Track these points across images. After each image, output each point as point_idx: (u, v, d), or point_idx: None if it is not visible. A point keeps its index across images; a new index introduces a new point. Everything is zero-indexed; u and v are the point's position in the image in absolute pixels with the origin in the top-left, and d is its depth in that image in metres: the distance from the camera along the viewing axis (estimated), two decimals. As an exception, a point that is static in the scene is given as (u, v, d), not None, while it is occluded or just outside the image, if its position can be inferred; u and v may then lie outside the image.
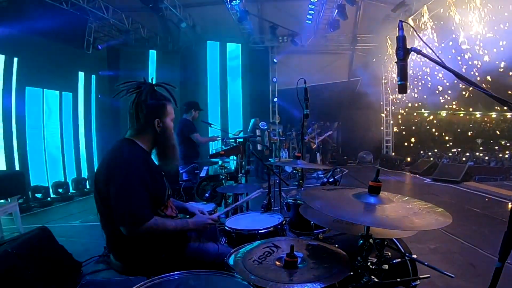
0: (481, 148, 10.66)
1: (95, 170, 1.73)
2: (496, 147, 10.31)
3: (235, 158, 4.57)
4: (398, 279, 1.47)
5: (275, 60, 11.48)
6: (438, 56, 1.33)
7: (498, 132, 11.87)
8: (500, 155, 9.23)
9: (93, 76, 8.77)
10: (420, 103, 10.44)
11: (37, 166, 6.95)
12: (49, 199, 6.76)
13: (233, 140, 5.31)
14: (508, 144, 10.21)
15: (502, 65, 7.58)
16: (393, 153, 11.73)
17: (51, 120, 7.42)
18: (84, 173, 8.28)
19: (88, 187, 7.92)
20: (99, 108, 8.85)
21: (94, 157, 8.78)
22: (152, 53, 9.94)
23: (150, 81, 1.78)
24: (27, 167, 6.60)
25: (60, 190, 7.15)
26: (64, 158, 7.74)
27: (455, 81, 7.29)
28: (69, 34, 7.61)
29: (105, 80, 9.03)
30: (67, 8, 7.14)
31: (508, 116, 11.95)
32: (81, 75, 8.36)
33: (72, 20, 7.48)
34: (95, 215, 1.76)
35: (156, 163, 1.81)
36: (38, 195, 6.57)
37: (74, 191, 7.52)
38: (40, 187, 6.68)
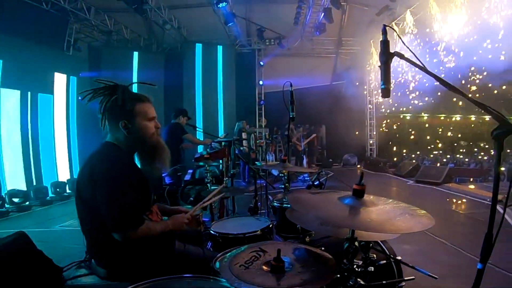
0: (461, 150, 10.96)
1: (77, 174, 1.68)
2: (476, 149, 10.61)
3: (220, 161, 4.55)
4: (384, 281, 1.48)
5: (261, 63, 11.51)
6: (420, 61, 1.35)
7: (477, 135, 12.24)
8: (480, 157, 9.52)
9: (74, 78, 8.57)
10: (403, 107, 10.66)
11: (14, 169, 6.73)
12: (27, 203, 6.53)
13: (218, 143, 5.30)
14: (487, 147, 10.52)
15: (483, 68, 7.81)
16: (377, 156, 11.93)
17: (29, 122, 7.20)
18: (64, 177, 8.05)
19: (68, 191, 7.70)
20: (80, 110, 8.65)
21: (74, 160, 8.58)
22: (135, 55, 9.80)
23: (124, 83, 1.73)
24: (2, 170, 6.38)
25: (39, 195, 6.93)
26: (41, 162, 7.52)
27: (436, 83, 7.45)
28: (49, 35, 7.45)
29: (86, 81, 8.83)
30: (47, 9, 6.98)
31: (487, 119, 12.33)
32: (60, 76, 8.17)
33: (52, 21, 7.33)
34: (75, 220, 1.72)
35: (139, 166, 1.77)
36: (15, 200, 6.34)
37: (53, 195, 7.30)
38: (17, 191, 6.45)
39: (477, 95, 8.21)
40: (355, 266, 1.31)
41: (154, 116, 1.77)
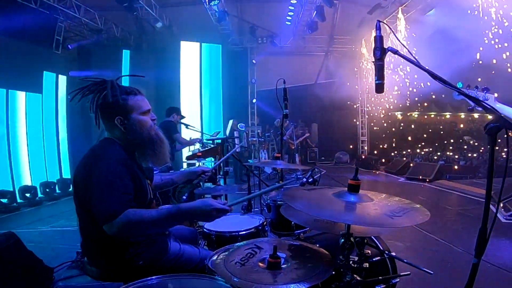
0: (451, 147, 11.11)
1: (74, 171, 1.62)
2: (465, 147, 10.78)
3: (212, 159, 4.53)
4: (380, 277, 1.49)
5: (254, 61, 11.49)
6: (413, 56, 1.35)
7: (466, 132, 12.44)
8: (469, 154, 9.67)
9: (63, 77, 8.44)
10: (393, 105, 10.75)
11: (1, 170, 6.60)
12: (15, 204, 6.39)
13: (211, 142, 5.27)
14: (476, 144, 10.69)
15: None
16: (368, 153, 12.03)
17: (16, 122, 7.08)
18: (53, 177, 7.92)
19: (58, 191, 7.57)
20: (70, 109, 8.52)
21: (64, 159, 8.45)
22: (126, 53, 9.68)
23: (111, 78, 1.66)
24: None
25: (28, 195, 6.78)
26: (30, 162, 7.38)
27: (429, 83, 7.50)
28: (37, 34, 7.25)
29: (75, 80, 8.70)
30: (35, 7, 6.83)
31: (476, 117, 12.54)
32: (49, 75, 8.03)
33: (41, 19, 7.15)
34: (65, 220, 1.67)
35: (140, 163, 1.72)
36: (4, 200, 6.20)
37: (42, 195, 7.15)
38: (5, 191, 6.31)
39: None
40: (351, 262, 1.31)
41: (149, 109, 1.72)
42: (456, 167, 8.51)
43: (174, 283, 1.28)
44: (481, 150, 9.85)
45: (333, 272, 1.30)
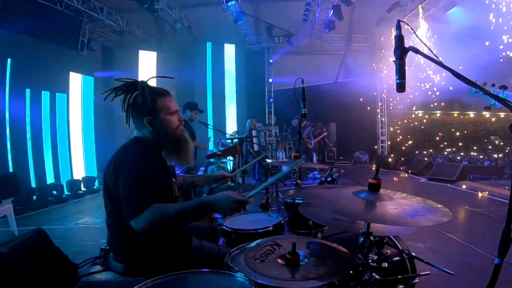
0: (475, 147, 10.76)
1: (105, 168, 1.68)
2: (490, 147, 10.42)
3: (232, 158, 4.57)
4: (399, 276, 1.48)
5: (271, 60, 11.49)
6: (435, 55, 1.34)
7: (491, 132, 12.02)
8: (494, 155, 9.35)
9: (88, 77, 8.71)
10: (415, 103, 10.51)
11: (31, 168, 6.88)
12: (43, 201, 6.67)
13: (230, 141, 5.31)
14: (502, 144, 10.32)
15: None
16: (388, 153, 11.80)
17: (45, 122, 7.36)
18: (79, 175, 8.20)
19: (83, 189, 7.85)
20: (95, 109, 8.80)
21: (90, 158, 8.73)
22: (147, 54, 9.90)
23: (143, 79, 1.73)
24: (20, 169, 6.53)
25: (55, 192, 7.08)
26: (58, 160, 7.67)
27: (451, 87, 7.30)
28: (63, 35, 7.55)
29: (100, 81, 8.98)
30: (61, 9, 7.10)
31: (502, 116, 12.09)
32: (75, 76, 8.30)
33: (66, 21, 7.44)
34: (89, 217, 1.74)
35: (168, 163, 1.79)
36: (33, 197, 6.50)
37: (68, 193, 7.44)
38: (34, 189, 6.61)
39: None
40: (370, 261, 1.31)
41: (177, 110, 1.77)
42: (480, 167, 8.24)
43: (195, 279, 1.32)
44: (507, 150, 9.50)
45: (351, 272, 1.30)
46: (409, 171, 9.25)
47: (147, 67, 9.72)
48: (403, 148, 11.91)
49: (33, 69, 6.90)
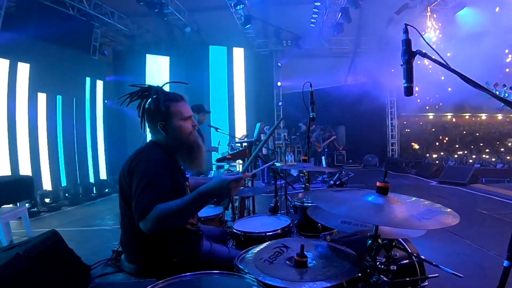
0: (487, 150, 10.59)
1: (120, 170, 1.70)
2: (502, 149, 10.24)
3: (241, 162, 4.60)
4: (408, 279, 1.48)
5: (279, 64, 11.53)
6: (443, 59, 1.35)
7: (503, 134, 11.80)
8: (508, 157, 9.18)
9: (99, 81, 8.85)
10: (425, 106, 10.41)
11: (44, 171, 7.04)
12: (57, 203, 6.80)
13: (239, 144, 5.34)
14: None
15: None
16: (398, 156, 11.69)
17: (58, 126, 7.51)
18: (91, 178, 8.35)
19: (95, 192, 7.98)
20: (106, 113, 8.95)
21: (103, 162, 8.88)
22: (158, 58, 10.04)
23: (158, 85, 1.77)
24: (36, 171, 6.69)
25: (67, 195, 7.22)
26: (76, 163, 7.87)
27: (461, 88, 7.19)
28: (76, 40, 7.72)
29: (111, 85, 9.15)
30: (73, 14, 7.26)
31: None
32: (88, 80, 8.44)
33: (78, 26, 7.60)
34: (101, 220, 1.78)
35: (182, 167, 1.82)
36: (47, 200, 6.64)
37: (81, 196, 7.58)
38: (48, 191, 6.76)
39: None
40: (378, 263, 1.32)
41: (190, 115, 1.80)
42: (493, 170, 8.10)
43: (205, 280, 1.34)
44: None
45: (359, 274, 1.31)
46: (420, 174, 9.15)
47: (158, 71, 9.85)
48: (414, 151, 11.78)
49: (48, 73, 7.07)
